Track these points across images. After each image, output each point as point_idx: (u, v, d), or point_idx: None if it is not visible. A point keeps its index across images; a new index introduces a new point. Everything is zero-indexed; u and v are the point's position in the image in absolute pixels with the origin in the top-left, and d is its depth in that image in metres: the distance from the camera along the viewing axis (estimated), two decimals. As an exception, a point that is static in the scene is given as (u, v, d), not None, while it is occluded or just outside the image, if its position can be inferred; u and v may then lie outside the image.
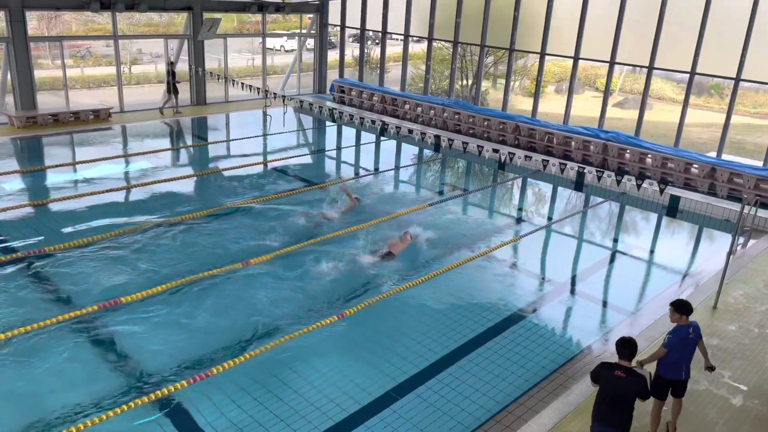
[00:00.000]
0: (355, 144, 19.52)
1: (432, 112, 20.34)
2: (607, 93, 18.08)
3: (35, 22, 21.45)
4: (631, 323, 9.06)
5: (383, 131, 19.33)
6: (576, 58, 17.92)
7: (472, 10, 19.95)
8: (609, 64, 17.36)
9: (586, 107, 23.20)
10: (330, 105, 21.90)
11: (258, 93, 19.67)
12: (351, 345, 8.24)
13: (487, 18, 19.55)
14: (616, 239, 12.79)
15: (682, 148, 16.22)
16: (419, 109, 20.75)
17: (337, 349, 8.11)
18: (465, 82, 26.11)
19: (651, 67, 16.66)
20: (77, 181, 13.99)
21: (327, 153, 18.56)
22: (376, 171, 16.47)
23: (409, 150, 18.80)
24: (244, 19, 27.03)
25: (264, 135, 19.24)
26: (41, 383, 7.18)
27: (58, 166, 14.78)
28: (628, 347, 5.76)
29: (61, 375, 7.34)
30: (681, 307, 6.45)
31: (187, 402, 6.93)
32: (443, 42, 22.64)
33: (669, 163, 15.44)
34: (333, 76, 25.18)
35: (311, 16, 24.78)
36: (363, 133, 20.06)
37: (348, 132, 20.51)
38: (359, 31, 23.81)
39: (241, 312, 8.79)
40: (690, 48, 15.74)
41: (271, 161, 16.64)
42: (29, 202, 12.46)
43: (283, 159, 16.61)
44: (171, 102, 20.49)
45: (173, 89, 20.27)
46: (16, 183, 13.63)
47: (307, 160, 17.40)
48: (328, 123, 21.15)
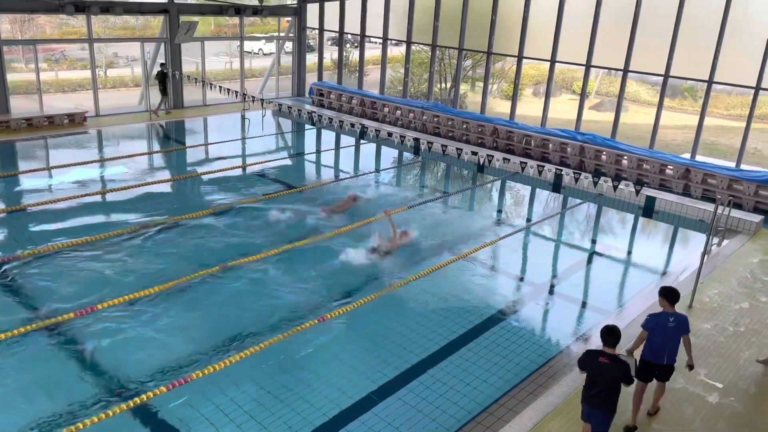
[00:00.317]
0: (335, 147, 19.50)
1: (411, 115, 20.39)
2: (584, 96, 18.30)
3: (8, 25, 21.10)
4: (609, 323, 9.14)
5: (363, 134, 19.33)
6: (553, 61, 18.11)
7: (450, 13, 20.06)
8: (585, 67, 17.58)
9: (563, 110, 23.48)
10: (309, 108, 21.85)
11: (236, 96, 19.55)
12: (331, 349, 8.21)
13: (465, 21, 19.67)
14: (593, 240, 12.94)
15: (657, 149, 16.48)
16: (398, 112, 20.80)
17: (318, 354, 8.08)
18: (444, 85, 26.23)
19: (626, 70, 16.91)
20: (52, 187, 13.77)
21: (306, 156, 18.51)
22: (356, 174, 16.45)
23: (389, 153, 18.82)
24: (221, 23, 26.87)
25: (242, 138, 19.13)
26: (16, 394, 7.04)
27: (32, 171, 14.54)
28: (612, 335, 6.06)
29: (37, 385, 7.21)
30: (665, 294, 6.82)
31: (167, 408, 6.85)
32: (422, 45, 22.73)
33: (644, 165, 15.67)
34: (312, 79, 25.13)
35: (289, 19, 24.71)
36: (342, 137, 20.04)
37: (327, 135, 20.48)
38: (338, 35, 23.80)
39: (220, 317, 8.72)
40: (664, 51, 16.00)
41: (250, 165, 16.55)
42: (3, 208, 12.22)
43: (262, 162, 16.52)
44: (164, 104, 20.84)
45: (164, 91, 20.69)
46: (-12, 188, 13.38)
47: (287, 163, 17.33)
48: (307, 126, 21.10)
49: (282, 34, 25.19)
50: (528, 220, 13.90)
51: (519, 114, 19.38)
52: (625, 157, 16.06)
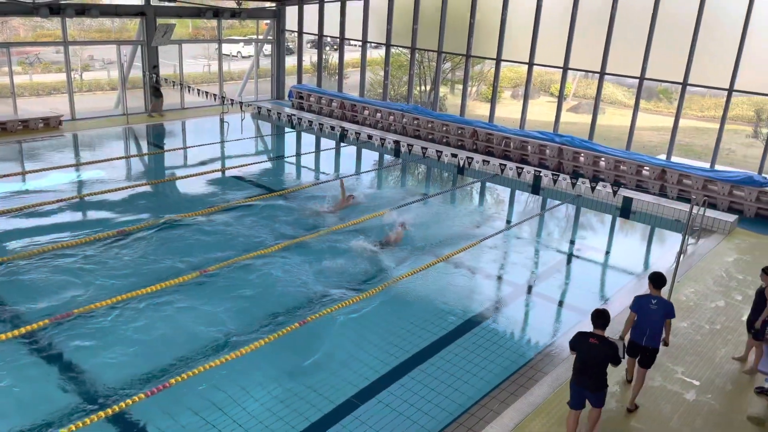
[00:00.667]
0: (315, 150, 19.45)
1: (391, 117, 20.42)
2: (561, 98, 18.48)
3: (-20, 27, 20.76)
4: (588, 323, 9.22)
5: (343, 137, 19.31)
6: (530, 63, 18.26)
7: (428, 16, 20.14)
8: (562, 69, 17.76)
9: (541, 112, 23.71)
10: (289, 111, 21.78)
11: (215, 99, 19.41)
12: (312, 353, 8.17)
13: (444, 24, 19.76)
14: (572, 241, 13.04)
15: (633, 151, 16.70)
16: (378, 115, 20.82)
17: (298, 357, 8.04)
18: (423, 87, 26.31)
19: (602, 73, 17.11)
20: (26, 191, 13.54)
21: (286, 159, 18.43)
22: (337, 177, 16.40)
23: (370, 155, 18.82)
24: (199, 25, 26.72)
25: (221, 142, 19.00)
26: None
27: (5, 176, 14.27)
28: (601, 318, 6.44)
29: (12, 394, 7.07)
30: (651, 278, 7.30)
31: (146, 415, 6.77)
32: (401, 48, 22.79)
33: (621, 166, 15.86)
34: (291, 82, 25.05)
35: (268, 21, 24.62)
36: (323, 140, 19.99)
37: (307, 138, 20.41)
38: (317, 37, 23.76)
39: (199, 323, 8.63)
40: (639, 54, 16.22)
41: (229, 168, 16.43)
42: (-25, 213, 12.00)
43: (242, 166, 16.41)
44: (158, 105, 21.03)
45: (156, 92, 20.83)
46: (-40, 194, 13.12)
47: (266, 166, 17.23)
48: (287, 129, 21.01)
49: (261, 36, 25.09)
50: (508, 221, 13.98)
51: (498, 116, 19.50)
52: (603, 159, 16.25)
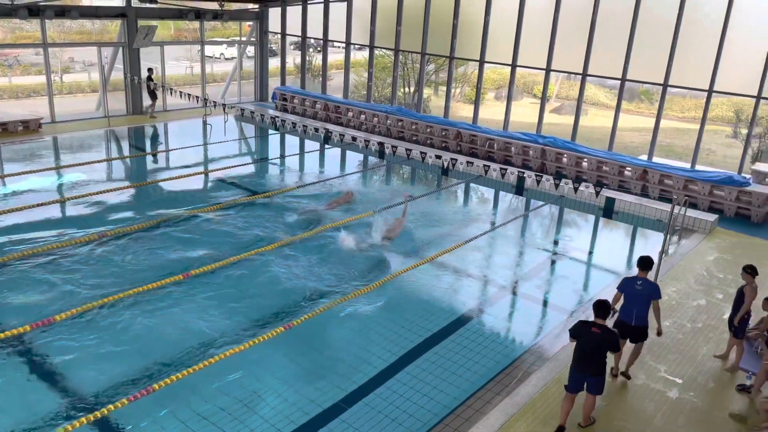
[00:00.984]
0: (299, 152, 19.40)
1: (375, 119, 20.42)
2: (544, 99, 18.61)
3: (-43, 29, 20.44)
4: (571, 323, 9.28)
5: (327, 139, 19.27)
6: (513, 65, 18.37)
7: (412, 18, 20.18)
8: (545, 71, 17.88)
9: (524, 113, 23.85)
10: (272, 113, 21.69)
11: (197, 101, 19.28)
12: (297, 356, 8.15)
13: (427, 26, 19.81)
14: (555, 241, 13.13)
15: (615, 151, 16.86)
16: (363, 117, 20.81)
17: (284, 361, 8.01)
18: (407, 89, 26.36)
19: (584, 74, 17.25)
20: (5, 195, 13.34)
21: (270, 161, 18.35)
22: (321, 179, 16.35)
23: (354, 157, 18.80)
24: (181, 27, 26.53)
25: (204, 144, 18.87)
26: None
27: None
28: (602, 309, 6.81)
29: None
30: (638, 261, 7.88)
31: (128, 421, 6.69)
32: (385, 50, 22.80)
33: (604, 167, 16.00)
34: (274, 83, 24.96)
35: (251, 23, 24.51)
36: (307, 141, 19.93)
37: (291, 140, 20.34)
38: (300, 39, 23.70)
39: (183, 325, 8.56)
40: (620, 56, 16.39)
41: (212, 171, 16.32)
42: (-47, 218, 11.80)
43: (225, 168, 16.30)
44: (154, 106, 21.08)
45: (152, 94, 20.84)
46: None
47: (250, 169, 17.14)
48: (270, 131, 20.92)
49: (244, 38, 24.96)
50: (492, 223, 14.03)
51: (482, 118, 19.59)
52: (585, 160, 16.38)
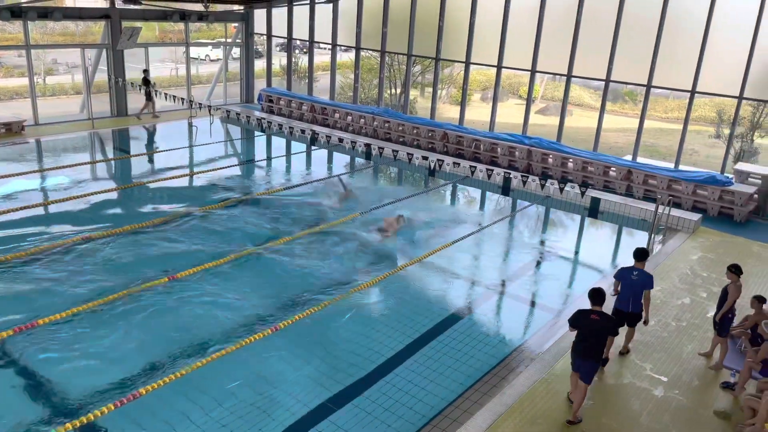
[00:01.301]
0: (286, 154, 19.33)
1: (362, 120, 20.42)
2: (530, 100, 18.72)
3: (-63, 30, 20.17)
4: (557, 322, 9.37)
5: (314, 141, 19.23)
6: (499, 66, 18.46)
7: (398, 20, 20.21)
8: (530, 72, 17.98)
9: (510, 114, 23.98)
10: (258, 115, 21.61)
11: (182, 103, 19.17)
12: (285, 357, 8.13)
13: (413, 28, 19.85)
14: (542, 241, 13.20)
15: (600, 152, 17.00)
16: (349, 118, 20.80)
17: (272, 363, 7.98)
18: (393, 90, 26.39)
19: (569, 76, 17.38)
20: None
21: (256, 163, 18.28)
22: (307, 181, 16.33)
23: (341, 158, 18.78)
24: (166, 28, 26.38)
25: (190, 146, 18.75)
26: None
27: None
28: (598, 296, 7.17)
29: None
30: (635, 252, 8.23)
31: (113, 428, 6.64)
32: (371, 51, 22.82)
33: (589, 167, 16.12)
34: (260, 85, 24.87)
35: (236, 24, 24.41)
36: (293, 143, 19.89)
37: (278, 142, 20.29)
38: (286, 40, 23.65)
39: (168, 329, 8.51)
40: (605, 57, 16.53)
41: (198, 173, 16.23)
42: (-66, 222, 11.64)
43: (211, 170, 16.22)
44: (148, 108, 20.92)
45: (148, 96, 20.77)
46: None
47: (236, 171, 17.06)
48: (256, 133, 20.84)
49: (229, 40, 24.86)
50: (478, 223, 14.08)
51: (468, 119, 19.66)
52: (571, 160, 16.50)
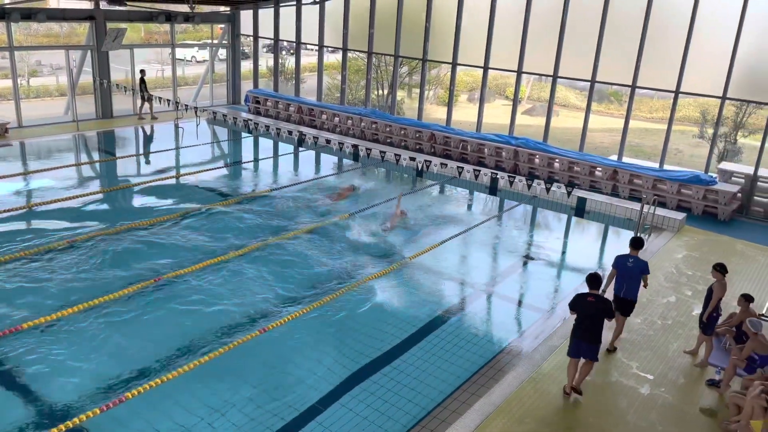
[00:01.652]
0: (273, 155, 19.27)
1: (349, 122, 20.41)
2: (516, 101, 18.80)
3: None
4: (545, 322, 9.43)
5: (301, 142, 19.20)
6: (486, 68, 18.53)
7: (385, 21, 20.22)
8: (516, 73, 18.07)
9: (497, 115, 24.03)
10: (245, 116, 21.52)
11: (168, 105, 19.05)
12: (275, 359, 8.11)
13: (400, 29, 19.88)
14: (529, 241, 13.27)
15: (586, 152, 17.11)
16: (336, 119, 20.78)
17: (261, 365, 7.96)
18: (381, 91, 26.40)
19: (555, 76, 17.48)
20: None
21: (243, 165, 18.22)
22: (296, 182, 16.30)
23: (328, 159, 18.76)
24: (152, 29, 26.19)
25: (176, 148, 18.64)
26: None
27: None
28: (595, 280, 7.53)
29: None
30: (631, 241, 8.74)
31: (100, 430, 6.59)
32: (358, 52, 22.81)
33: (575, 167, 16.23)
34: (247, 86, 24.79)
35: (222, 26, 24.31)
36: (280, 144, 19.84)
37: (265, 143, 20.23)
38: (273, 42, 23.58)
39: (154, 332, 8.46)
40: (590, 58, 16.64)
41: (184, 174, 16.14)
42: None
43: (197, 172, 16.13)
44: (145, 108, 20.89)
45: (145, 97, 20.72)
46: None
47: (223, 172, 16.99)
48: (243, 134, 20.77)
49: (215, 41, 24.75)
50: (466, 223, 14.11)
51: (455, 120, 19.71)
52: (557, 160, 16.60)
